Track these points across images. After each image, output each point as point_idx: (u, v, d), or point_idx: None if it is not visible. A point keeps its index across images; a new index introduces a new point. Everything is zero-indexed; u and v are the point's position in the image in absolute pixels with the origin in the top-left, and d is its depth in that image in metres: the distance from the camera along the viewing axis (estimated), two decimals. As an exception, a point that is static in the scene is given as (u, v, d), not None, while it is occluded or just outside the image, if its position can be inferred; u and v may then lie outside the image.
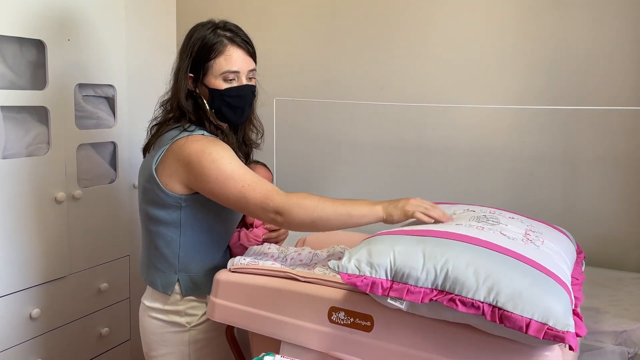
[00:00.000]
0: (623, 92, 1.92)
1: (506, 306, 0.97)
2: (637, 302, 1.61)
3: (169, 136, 1.41)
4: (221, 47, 1.40)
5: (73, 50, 1.99)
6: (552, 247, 1.20)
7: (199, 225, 1.44)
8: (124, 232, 2.27)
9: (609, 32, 1.92)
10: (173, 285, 1.45)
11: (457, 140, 2.18)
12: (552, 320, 0.94)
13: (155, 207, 1.42)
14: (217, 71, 1.41)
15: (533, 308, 0.96)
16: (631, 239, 1.95)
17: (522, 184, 2.09)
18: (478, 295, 1.00)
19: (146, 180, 1.42)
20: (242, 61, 1.43)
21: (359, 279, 1.10)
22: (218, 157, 1.34)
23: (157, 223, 1.43)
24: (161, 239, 1.44)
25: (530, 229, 1.27)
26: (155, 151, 1.41)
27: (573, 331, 0.94)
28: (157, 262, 1.46)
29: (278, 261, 1.44)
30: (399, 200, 1.32)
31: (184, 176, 1.37)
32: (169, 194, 1.39)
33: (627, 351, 1.38)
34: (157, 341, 1.47)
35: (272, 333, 1.26)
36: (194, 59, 1.42)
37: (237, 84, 1.43)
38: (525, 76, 2.05)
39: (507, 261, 1.04)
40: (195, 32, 1.43)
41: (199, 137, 1.39)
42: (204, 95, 1.44)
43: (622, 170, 1.95)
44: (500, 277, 1.00)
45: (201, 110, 1.44)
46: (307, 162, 2.45)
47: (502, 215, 1.32)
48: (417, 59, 2.21)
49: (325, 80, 2.38)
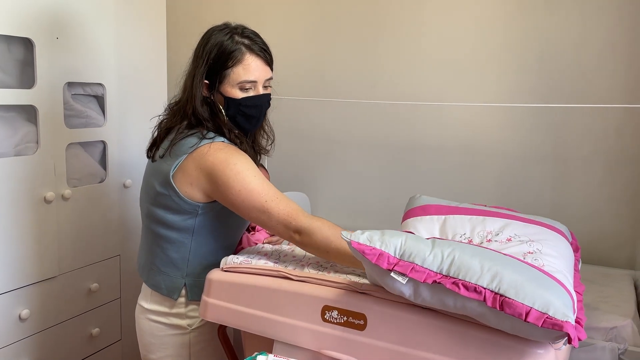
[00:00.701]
0: (612, 90, 1.93)
1: (508, 293, 0.98)
2: (627, 298, 1.63)
3: (188, 144, 1.38)
4: (239, 56, 1.38)
5: (62, 49, 1.97)
6: (553, 266, 1.15)
7: (212, 232, 1.43)
8: (115, 232, 2.25)
9: (597, 30, 1.93)
10: (179, 289, 1.43)
11: (448, 138, 2.18)
12: (552, 309, 0.95)
13: (169, 212, 1.40)
14: (234, 80, 1.39)
15: (534, 297, 0.97)
16: (620, 236, 1.97)
17: (513, 182, 2.10)
18: (481, 281, 1.01)
19: (161, 185, 1.39)
20: (260, 70, 1.41)
21: (368, 247, 1.09)
22: (243, 169, 1.33)
23: (167, 227, 1.41)
24: (170, 243, 1.42)
25: (528, 250, 1.20)
26: (173, 159, 1.38)
27: (573, 322, 0.95)
28: (162, 266, 1.44)
29: (271, 259, 1.43)
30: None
31: (205, 185, 1.35)
32: (187, 201, 1.37)
33: (618, 347, 1.39)
34: (156, 344, 1.46)
35: (265, 332, 1.26)
36: (210, 66, 1.39)
37: (254, 93, 1.42)
38: (515, 74, 2.06)
39: (512, 261, 1.06)
40: (211, 37, 1.40)
41: (221, 145, 1.37)
42: (219, 103, 1.42)
43: (612, 167, 1.97)
44: (505, 268, 1.01)
45: (217, 117, 1.41)
46: (299, 160, 2.45)
47: (498, 241, 1.25)
48: (409, 58, 2.22)
49: (317, 78, 2.37)
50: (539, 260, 1.15)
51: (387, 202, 2.29)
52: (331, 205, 2.42)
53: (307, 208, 2.38)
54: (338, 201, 2.41)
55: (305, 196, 2.37)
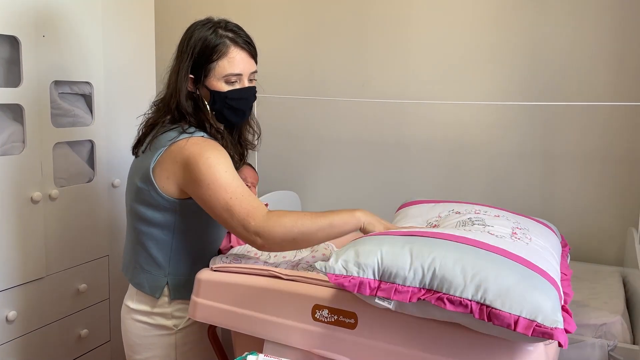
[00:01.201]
0: (600, 89, 1.95)
1: (494, 304, 0.97)
2: (616, 294, 1.64)
3: (167, 137, 1.37)
4: (224, 49, 1.38)
5: (48, 47, 1.94)
6: (540, 243, 1.21)
7: (194, 230, 1.42)
8: (103, 232, 2.23)
9: (587, 30, 1.94)
10: (162, 288, 1.42)
11: (438, 137, 2.19)
12: (541, 316, 0.94)
13: (150, 208, 1.39)
14: (219, 73, 1.38)
15: (521, 305, 0.95)
16: (609, 233, 1.99)
17: (502, 180, 2.10)
18: (466, 294, 0.99)
19: (141, 180, 1.39)
20: (245, 63, 1.41)
21: (346, 279, 1.09)
22: (215, 163, 1.32)
23: (149, 224, 1.40)
24: (152, 241, 1.41)
25: (517, 226, 1.26)
26: (152, 152, 1.38)
27: (562, 327, 0.94)
28: (145, 264, 1.43)
29: (261, 259, 1.42)
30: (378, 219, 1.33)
31: (180, 179, 1.35)
32: (165, 197, 1.36)
33: (607, 344, 1.40)
34: (141, 344, 1.44)
35: (255, 332, 1.25)
36: (195, 60, 1.38)
37: (240, 86, 1.41)
38: (505, 73, 2.07)
39: (494, 258, 1.04)
40: (195, 31, 1.40)
41: (199, 139, 1.36)
42: (205, 97, 1.42)
43: (600, 165, 1.98)
44: (488, 274, 0.99)
45: (201, 112, 1.41)
46: (289, 159, 2.44)
47: (487, 215, 1.32)
48: (398, 57, 2.22)
49: (307, 77, 2.37)
50: (527, 235, 1.20)
51: (377, 200, 2.29)
52: (321, 203, 2.42)
53: (297, 207, 2.38)
54: (328, 200, 2.41)
55: (295, 195, 2.36)
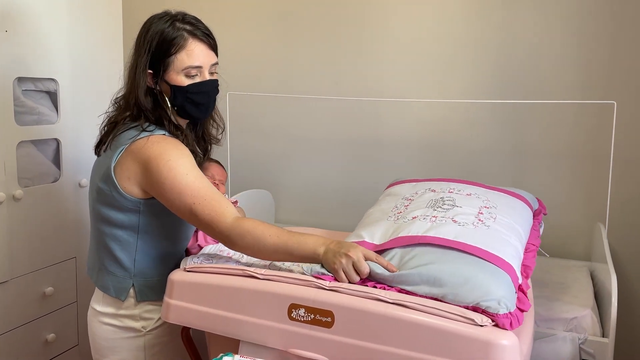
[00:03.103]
0: (569, 87, 1.98)
1: (446, 298, 1.09)
2: (585, 288, 1.67)
3: (127, 136, 1.34)
4: (182, 42, 1.34)
5: (11, 42, 1.88)
6: (504, 221, 1.30)
7: (159, 230, 1.38)
8: (70, 233, 2.17)
9: (555, 27, 1.98)
10: (127, 290, 1.39)
11: (411, 135, 2.20)
12: (486, 304, 1.05)
13: (112, 209, 1.35)
14: (178, 67, 1.35)
15: (471, 296, 1.07)
16: (577, 228, 2.03)
17: (474, 177, 2.11)
18: (421, 291, 1.12)
19: (102, 181, 1.35)
20: (205, 55, 1.38)
21: (330, 277, 1.19)
22: (176, 165, 1.29)
23: (112, 225, 1.37)
24: (116, 242, 1.37)
25: (485, 205, 1.36)
26: (113, 151, 1.34)
27: (504, 312, 1.04)
28: (110, 266, 1.39)
29: (233, 260, 1.40)
30: (342, 244, 1.21)
31: (141, 180, 1.32)
32: (128, 197, 1.33)
33: (578, 337, 1.42)
34: (109, 347, 1.41)
35: (230, 333, 1.23)
36: (152, 55, 1.35)
37: (200, 79, 1.38)
38: (478, 71, 2.09)
39: (449, 255, 1.16)
40: (152, 25, 1.36)
41: (159, 138, 1.33)
42: (165, 92, 1.38)
43: (567, 161, 2.02)
44: (442, 275, 1.11)
45: (161, 108, 1.37)
46: (262, 157, 2.42)
47: (460, 194, 1.41)
48: (371, 54, 2.22)
49: (280, 74, 2.35)
50: (492, 214, 1.32)
51: (351, 198, 2.29)
52: (295, 202, 2.40)
53: (270, 206, 2.36)
54: (301, 198, 2.39)
55: (268, 193, 2.34)
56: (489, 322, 1.04)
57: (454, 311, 1.05)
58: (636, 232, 1.96)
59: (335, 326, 1.12)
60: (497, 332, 1.02)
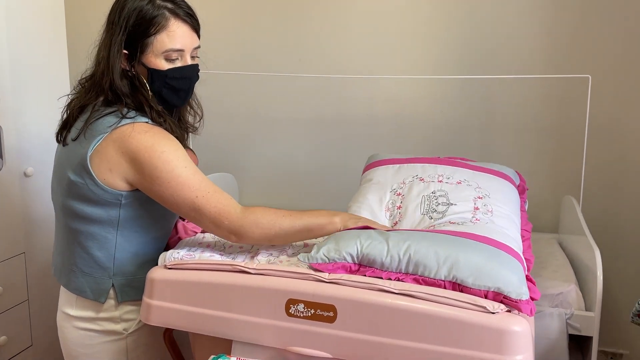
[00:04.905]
0: (535, 61, 1.99)
1: (465, 282, 1.05)
2: (562, 263, 1.69)
3: (105, 123, 1.21)
4: (163, 21, 1.22)
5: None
6: (502, 212, 1.31)
7: (139, 224, 1.27)
8: (17, 227, 2.00)
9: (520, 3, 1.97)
10: (107, 291, 1.28)
11: (378, 111, 2.15)
12: (507, 290, 1.03)
13: (88, 204, 1.23)
14: (158, 49, 1.23)
15: (490, 281, 1.04)
16: (544, 201, 2.05)
17: (442, 152, 2.10)
18: (439, 275, 1.07)
19: (75, 172, 1.22)
20: (187, 38, 1.26)
21: (327, 265, 1.12)
22: (173, 158, 1.19)
23: (87, 222, 1.24)
24: (92, 240, 1.25)
25: (478, 195, 1.35)
26: (88, 140, 1.21)
27: (527, 298, 1.03)
28: (84, 266, 1.27)
29: (216, 251, 1.31)
30: (360, 218, 1.28)
31: (128, 173, 1.20)
32: (107, 189, 1.21)
33: (565, 313, 1.43)
34: (86, 353, 1.30)
35: (221, 333, 1.14)
36: (129, 34, 1.22)
37: (181, 63, 1.27)
38: (443, 46, 2.06)
39: (462, 242, 1.13)
40: (127, 1, 1.23)
41: (145, 126, 1.21)
42: (142, 75, 1.26)
43: (534, 135, 2.04)
44: (458, 256, 1.07)
45: (139, 93, 1.25)
46: (224, 139, 2.30)
47: (449, 183, 1.38)
48: (335, 31, 2.14)
49: (241, 52, 2.23)
50: (487, 205, 1.32)
51: (318, 178, 2.23)
52: (260, 185, 2.31)
53: (234, 190, 2.26)
54: (267, 181, 2.31)
55: (232, 177, 2.24)
56: (501, 308, 1.01)
57: (465, 299, 1.02)
58: (606, 205, 2.00)
59: (338, 321, 1.07)
60: (509, 318, 1.00)
